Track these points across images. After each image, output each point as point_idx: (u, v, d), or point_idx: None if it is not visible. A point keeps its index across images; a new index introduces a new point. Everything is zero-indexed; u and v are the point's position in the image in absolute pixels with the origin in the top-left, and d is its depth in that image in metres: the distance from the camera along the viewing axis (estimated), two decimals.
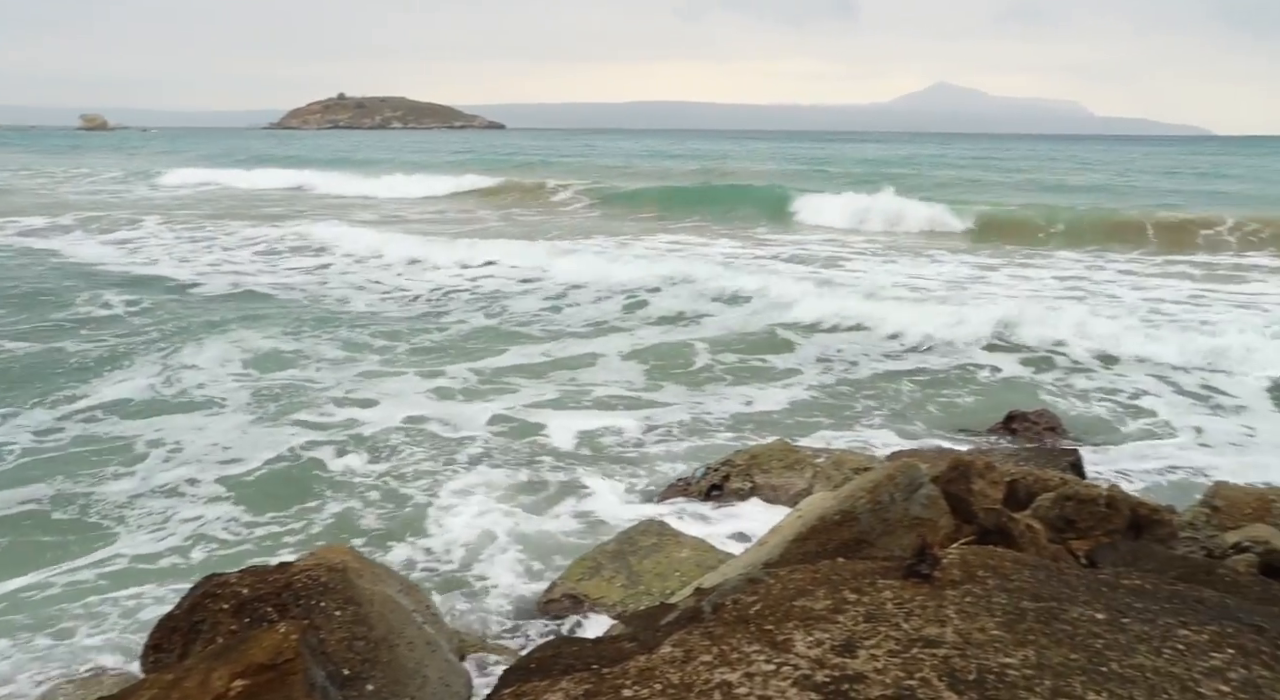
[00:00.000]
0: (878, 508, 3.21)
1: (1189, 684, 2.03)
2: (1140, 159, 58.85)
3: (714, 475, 5.90)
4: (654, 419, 7.84)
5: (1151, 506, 3.94)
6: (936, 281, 15.29)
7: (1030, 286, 15.13)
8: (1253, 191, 32.62)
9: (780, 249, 19.50)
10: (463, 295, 13.98)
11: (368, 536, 5.54)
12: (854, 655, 2.15)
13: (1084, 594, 2.47)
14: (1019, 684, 2.03)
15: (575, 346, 10.62)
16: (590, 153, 63.33)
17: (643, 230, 23.02)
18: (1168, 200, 28.07)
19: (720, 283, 13.54)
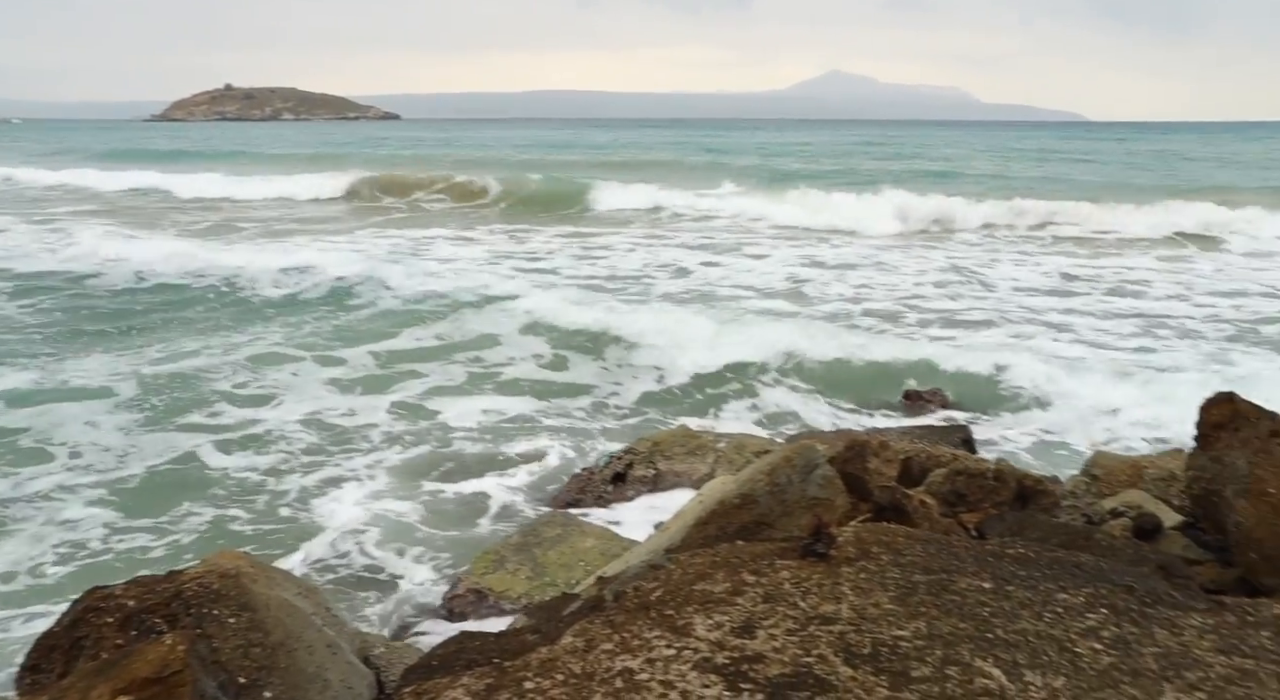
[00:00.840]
0: (776, 490, 3.26)
1: (1066, 644, 2.12)
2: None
3: (617, 464, 5.92)
4: (557, 408, 7.81)
5: (1036, 478, 4.10)
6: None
7: (917, 269, 15.65)
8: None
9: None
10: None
11: (263, 539, 5.39)
12: (753, 636, 2.18)
13: (972, 565, 2.56)
14: (911, 654, 2.09)
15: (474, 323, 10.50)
16: (472, 144, 62.70)
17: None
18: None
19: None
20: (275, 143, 66.52)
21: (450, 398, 8.16)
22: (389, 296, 12.23)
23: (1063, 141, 66.32)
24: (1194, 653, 2.11)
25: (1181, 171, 37.04)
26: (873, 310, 12.13)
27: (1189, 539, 3.95)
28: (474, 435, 7.18)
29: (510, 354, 9.67)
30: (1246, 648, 2.14)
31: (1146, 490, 4.70)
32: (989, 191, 26.20)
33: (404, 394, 8.25)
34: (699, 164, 39.20)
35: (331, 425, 7.37)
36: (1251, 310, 12.32)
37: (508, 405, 7.97)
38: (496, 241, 19.81)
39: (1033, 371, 8.48)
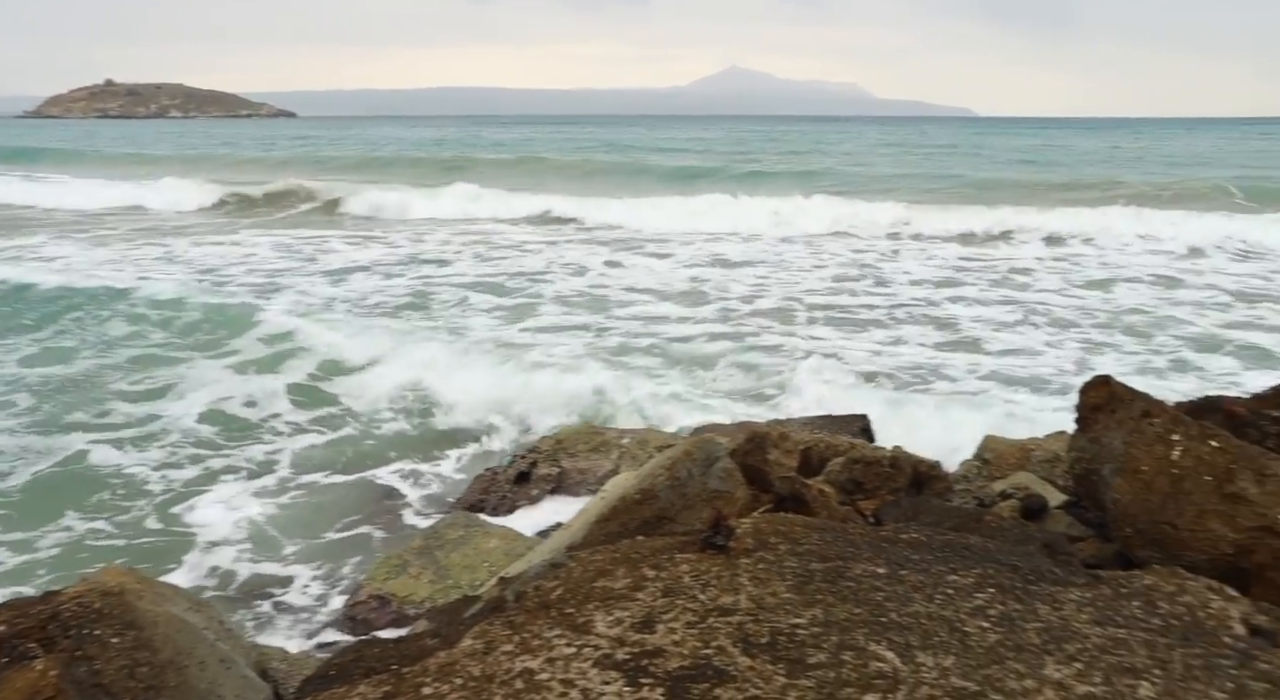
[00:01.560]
0: (676, 484, 3.28)
1: (956, 624, 2.18)
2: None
3: (521, 462, 5.88)
4: (456, 409, 7.71)
5: (930, 463, 4.22)
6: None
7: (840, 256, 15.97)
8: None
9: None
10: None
11: (150, 553, 5.18)
12: (653, 630, 2.19)
13: (867, 551, 2.61)
14: (807, 641, 2.12)
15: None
16: (360, 143, 61.58)
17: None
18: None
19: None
20: (125, 143, 63.98)
21: (302, 403, 7.97)
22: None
23: (955, 136, 68.66)
24: (1073, 625, 2.20)
25: (1075, 167, 38.84)
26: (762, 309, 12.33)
27: (1072, 517, 4.12)
28: (375, 438, 7.04)
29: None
30: (1120, 618, 2.24)
31: (1034, 472, 4.88)
32: (881, 193, 26.81)
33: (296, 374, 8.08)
34: (567, 163, 38.93)
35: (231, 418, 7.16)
36: (1116, 303, 12.98)
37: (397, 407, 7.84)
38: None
39: (922, 360, 8.73)
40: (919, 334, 10.47)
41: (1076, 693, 1.94)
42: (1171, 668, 2.04)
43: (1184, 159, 42.02)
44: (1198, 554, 3.32)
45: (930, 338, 10.27)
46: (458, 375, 8.07)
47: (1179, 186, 27.51)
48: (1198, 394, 4.32)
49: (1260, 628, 2.24)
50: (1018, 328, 10.99)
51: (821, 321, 11.13)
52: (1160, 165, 38.19)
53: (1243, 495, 3.31)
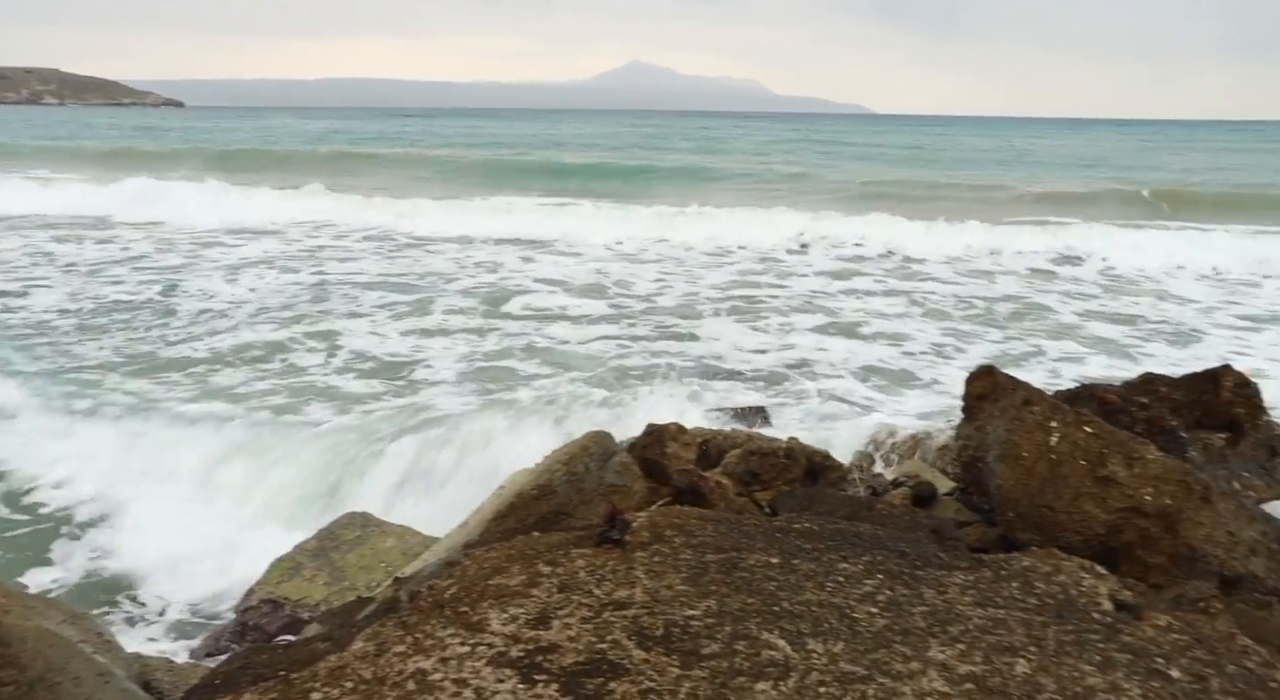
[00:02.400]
0: (574, 479, 3.28)
1: (846, 611, 2.23)
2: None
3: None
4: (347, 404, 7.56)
5: (824, 454, 4.31)
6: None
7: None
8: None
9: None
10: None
11: (21, 564, 4.93)
12: (548, 626, 2.18)
13: (761, 542, 2.65)
14: (702, 633, 2.15)
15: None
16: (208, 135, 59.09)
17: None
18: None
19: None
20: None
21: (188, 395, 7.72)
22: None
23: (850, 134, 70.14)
24: (957, 608, 2.28)
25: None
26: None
27: (960, 503, 4.26)
28: (264, 430, 6.84)
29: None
30: (999, 599, 2.33)
31: (924, 460, 5.04)
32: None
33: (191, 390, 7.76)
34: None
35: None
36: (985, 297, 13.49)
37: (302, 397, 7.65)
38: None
39: (829, 351, 8.93)
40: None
41: (959, 672, 2.01)
42: (1046, 644, 2.13)
43: (1095, 160, 43.54)
44: (1074, 535, 3.48)
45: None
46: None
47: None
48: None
49: (1125, 603, 2.36)
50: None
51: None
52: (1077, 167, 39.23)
53: (1113, 478, 3.47)
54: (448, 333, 9.99)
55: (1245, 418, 4.40)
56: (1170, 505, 3.42)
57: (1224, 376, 4.43)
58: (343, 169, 33.34)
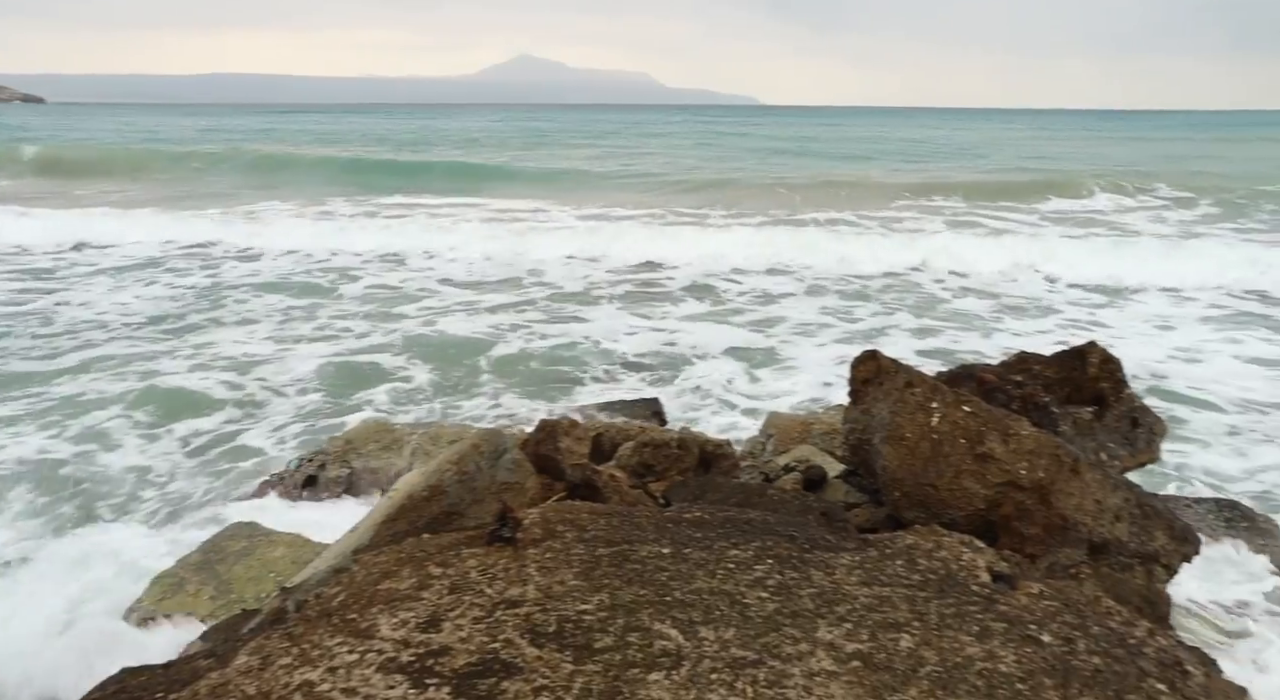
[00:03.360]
0: (465, 478, 3.24)
1: (737, 597, 2.27)
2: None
3: (309, 466, 5.64)
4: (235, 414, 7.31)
5: (716, 442, 4.36)
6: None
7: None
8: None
9: None
10: None
11: None
12: (439, 629, 2.15)
13: (652, 533, 2.67)
14: (594, 626, 2.15)
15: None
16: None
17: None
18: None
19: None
20: None
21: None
22: None
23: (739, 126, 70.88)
24: (844, 588, 2.33)
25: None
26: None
27: (850, 485, 4.37)
28: (141, 438, 6.57)
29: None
30: (884, 577, 2.39)
31: (815, 445, 5.14)
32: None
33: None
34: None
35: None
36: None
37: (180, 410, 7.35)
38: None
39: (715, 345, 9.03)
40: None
41: (846, 651, 2.06)
42: (928, 618, 2.20)
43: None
44: (956, 511, 3.61)
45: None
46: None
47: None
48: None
49: (1001, 574, 2.45)
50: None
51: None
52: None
53: (991, 455, 3.61)
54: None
55: (1110, 392, 4.63)
56: (1043, 478, 3.58)
57: (1090, 354, 4.65)
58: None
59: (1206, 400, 8.05)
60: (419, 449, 5.39)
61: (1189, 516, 4.65)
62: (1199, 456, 6.68)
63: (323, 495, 5.51)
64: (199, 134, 53.64)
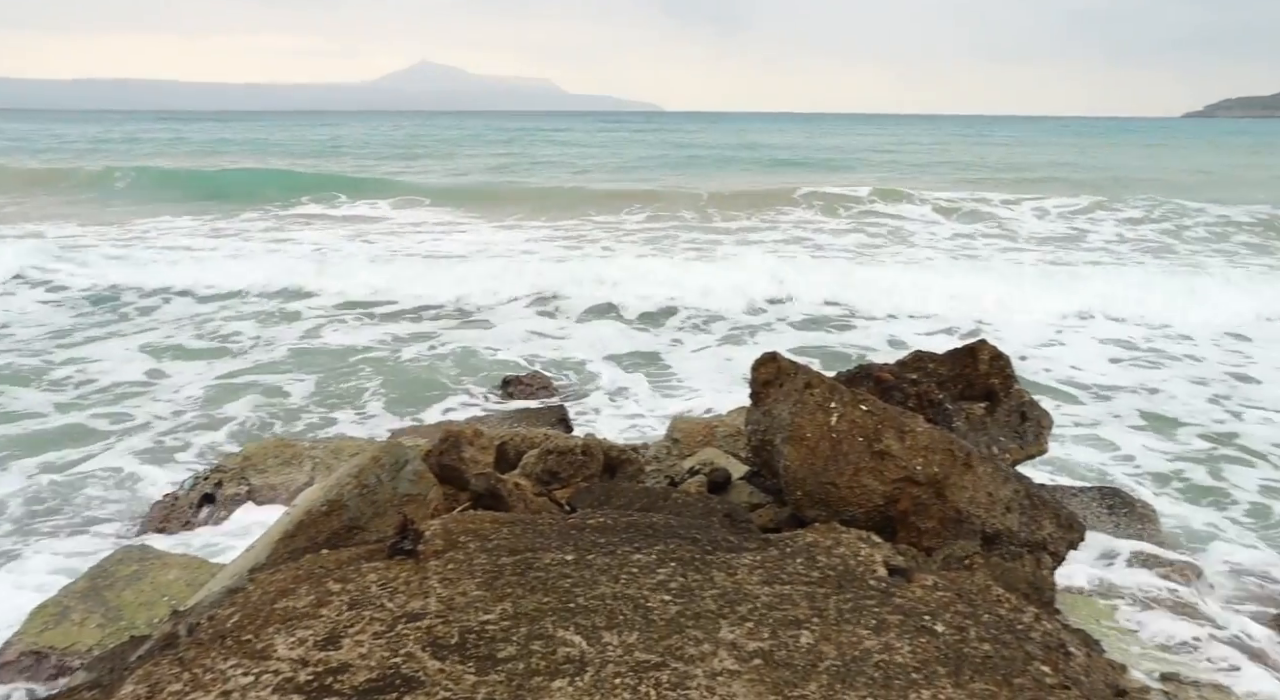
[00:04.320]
0: (365, 491, 3.18)
1: (640, 601, 2.28)
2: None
3: (204, 485, 5.46)
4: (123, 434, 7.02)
5: (620, 448, 4.38)
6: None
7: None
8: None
9: None
10: None
11: None
12: (339, 646, 2.11)
13: (556, 540, 2.66)
14: (497, 636, 2.13)
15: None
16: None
17: None
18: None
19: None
20: None
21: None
22: None
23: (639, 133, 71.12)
24: (745, 588, 2.36)
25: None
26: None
27: (754, 486, 4.43)
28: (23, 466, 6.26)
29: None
30: (785, 575, 2.44)
31: (719, 447, 5.20)
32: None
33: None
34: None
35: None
36: None
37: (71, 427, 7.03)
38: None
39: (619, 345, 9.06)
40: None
41: (747, 650, 2.09)
42: (827, 614, 2.25)
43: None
44: (856, 508, 3.69)
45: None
46: None
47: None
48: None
49: (897, 568, 2.52)
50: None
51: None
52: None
53: (888, 452, 3.71)
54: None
55: (1000, 387, 4.80)
56: (938, 473, 3.69)
57: (980, 351, 4.81)
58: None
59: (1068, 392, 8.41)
60: (320, 463, 5.27)
61: (1074, 505, 4.86)
62: (1071, 447, 6.97)
63: (220, 514, 5.34)
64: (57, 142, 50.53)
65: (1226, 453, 6.88)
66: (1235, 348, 9.98)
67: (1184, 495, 6.04)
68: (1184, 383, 8.67)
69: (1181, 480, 6.31)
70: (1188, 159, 44.21)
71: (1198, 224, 20.33)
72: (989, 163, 39.04)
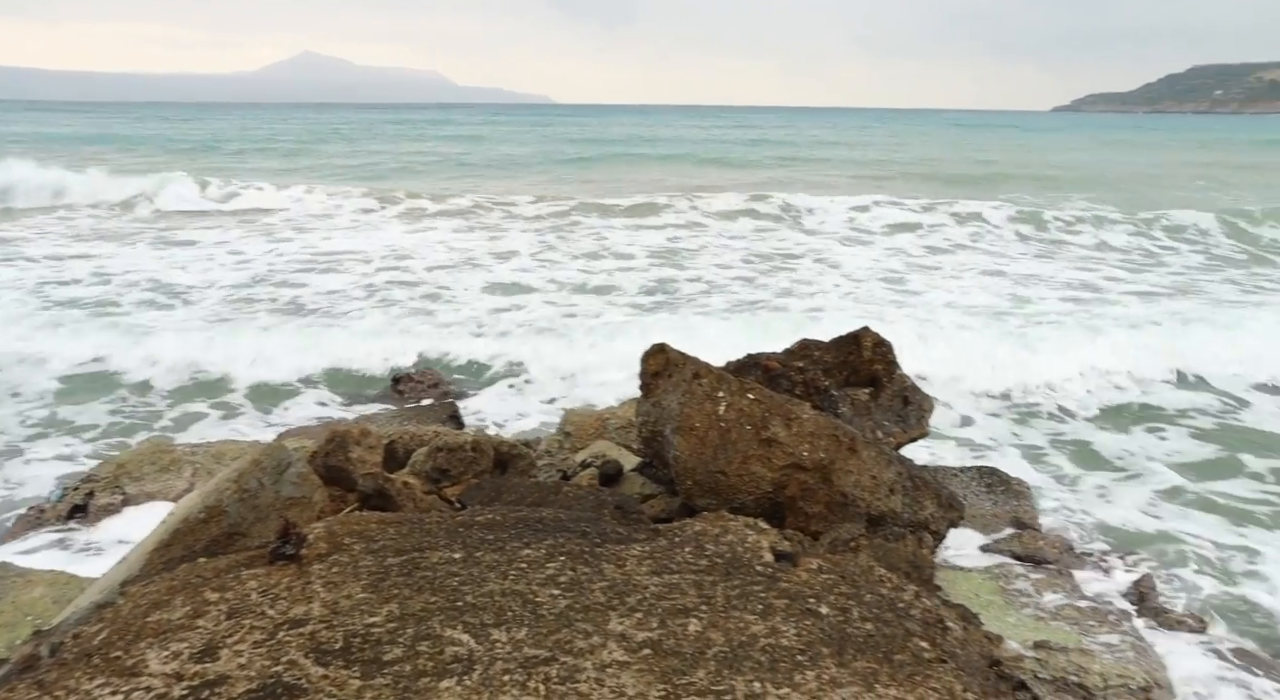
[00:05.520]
0: (246, 496, 3.07)
1: (529, 596, 2.26)
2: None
3: (75, 495, 5.19)
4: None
5: (511, 443, 4.34)
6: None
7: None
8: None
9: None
10: None
11: None
12: (216, 657, 2.03)
13: (444, 538, 2.63)
14: (383, 639, 2.09)
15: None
16: None
17: None
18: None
19: None
20: None
21: None
22: None
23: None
24: (634, 579, 2.38)
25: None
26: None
27: (645, 477, 4.46)
28: None
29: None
30: (673, 565, 2.46)
31: (611, 439, 5.21)
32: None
33: None
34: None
35: None
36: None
37: None
38: None
39: (516, 345, 8.98)
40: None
41: (636, 640, 2.10)
42: (715, 601, 2.28)
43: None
44: (746, 495, 3.76)
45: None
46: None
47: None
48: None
49: (784, 552, 2.57)
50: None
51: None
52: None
53: (775, 439, 3.78)
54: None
55: (883, 373, 4.94)
56: (824, 458, 3.78)
57: (864, 338, 4.94)
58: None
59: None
60: (201, 469, 5.07)
61: (954, 485, 5.03)
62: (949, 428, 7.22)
63: (92, 525, 5.09)
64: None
65: (1099, 431, 7.25)
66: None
67: (1052, 473, 6.34)
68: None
69: (1049, 461, 6.61)
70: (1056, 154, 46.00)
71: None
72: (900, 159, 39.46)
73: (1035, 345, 9.02)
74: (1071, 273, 14.14)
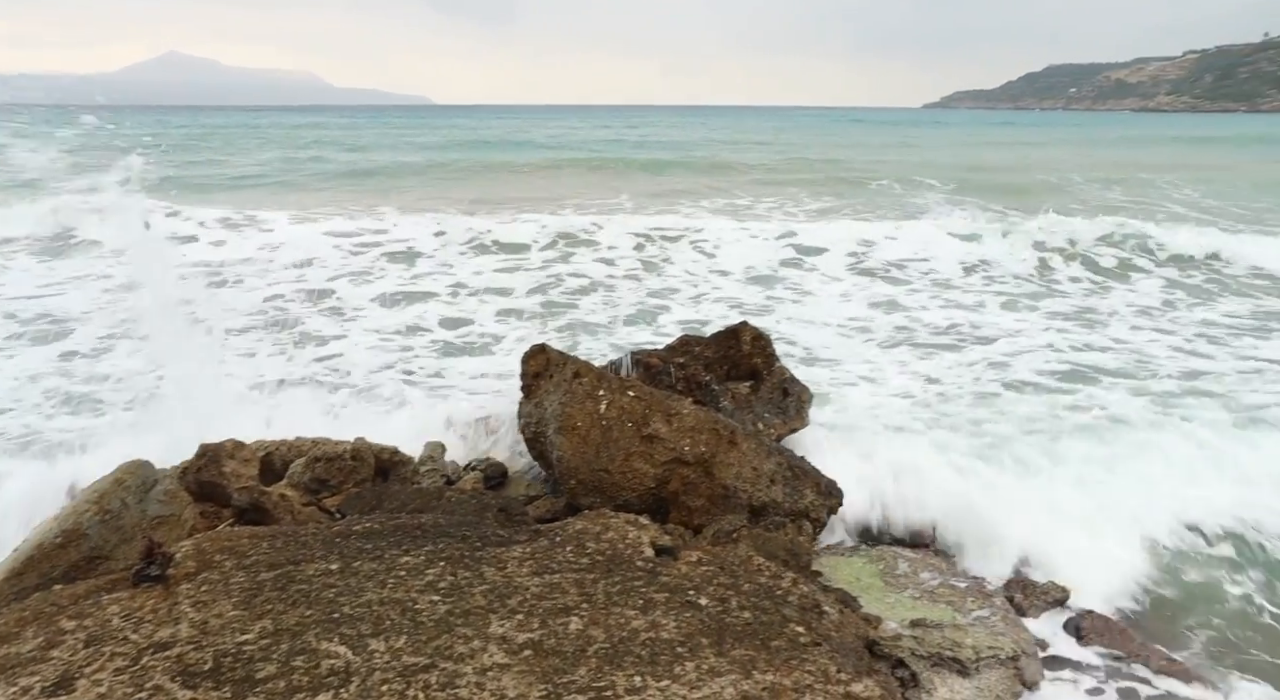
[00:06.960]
0: (108, 517, 2.94)
1: (408, 604, 2.23)
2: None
3: None
4: None
5: (392, 450, 4.26)
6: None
7: None
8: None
9: None
10: None
11: None
12: (71, 689, 1.94)
13: (320, 550, 2.57)
14: (256, 656, 2.03)
15: None
16: None
17: None
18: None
19: None
20: None
21: None
22: None
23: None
24: (515, 581, 2.37)
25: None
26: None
27: (531, 479, 4.45)
28: None
29: None
30: (555, 564, 2.46)
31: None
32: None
33: None
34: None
35: None
36: None
37: None
38: None
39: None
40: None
41: (517, 642, 2.10)
42: (596, 599, 2.29)
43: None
44: (629, 492, 3.79)
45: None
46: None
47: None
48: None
49: (664, 547, 2.61)
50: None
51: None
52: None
53: (657, 435, 3.82)
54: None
55: (763, 366, 5.04)
56: (705, 452, 3.84)
57: (743, 332, 5.03)
58: None
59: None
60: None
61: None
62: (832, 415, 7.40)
63: None
64: None
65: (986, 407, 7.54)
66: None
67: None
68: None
69: (935, 443, 6.85)
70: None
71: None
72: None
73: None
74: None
